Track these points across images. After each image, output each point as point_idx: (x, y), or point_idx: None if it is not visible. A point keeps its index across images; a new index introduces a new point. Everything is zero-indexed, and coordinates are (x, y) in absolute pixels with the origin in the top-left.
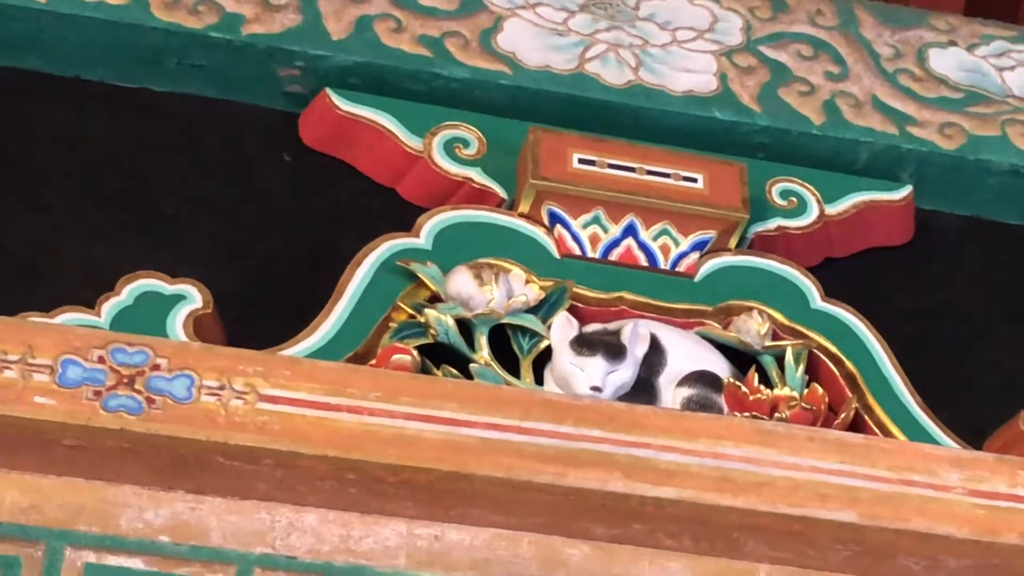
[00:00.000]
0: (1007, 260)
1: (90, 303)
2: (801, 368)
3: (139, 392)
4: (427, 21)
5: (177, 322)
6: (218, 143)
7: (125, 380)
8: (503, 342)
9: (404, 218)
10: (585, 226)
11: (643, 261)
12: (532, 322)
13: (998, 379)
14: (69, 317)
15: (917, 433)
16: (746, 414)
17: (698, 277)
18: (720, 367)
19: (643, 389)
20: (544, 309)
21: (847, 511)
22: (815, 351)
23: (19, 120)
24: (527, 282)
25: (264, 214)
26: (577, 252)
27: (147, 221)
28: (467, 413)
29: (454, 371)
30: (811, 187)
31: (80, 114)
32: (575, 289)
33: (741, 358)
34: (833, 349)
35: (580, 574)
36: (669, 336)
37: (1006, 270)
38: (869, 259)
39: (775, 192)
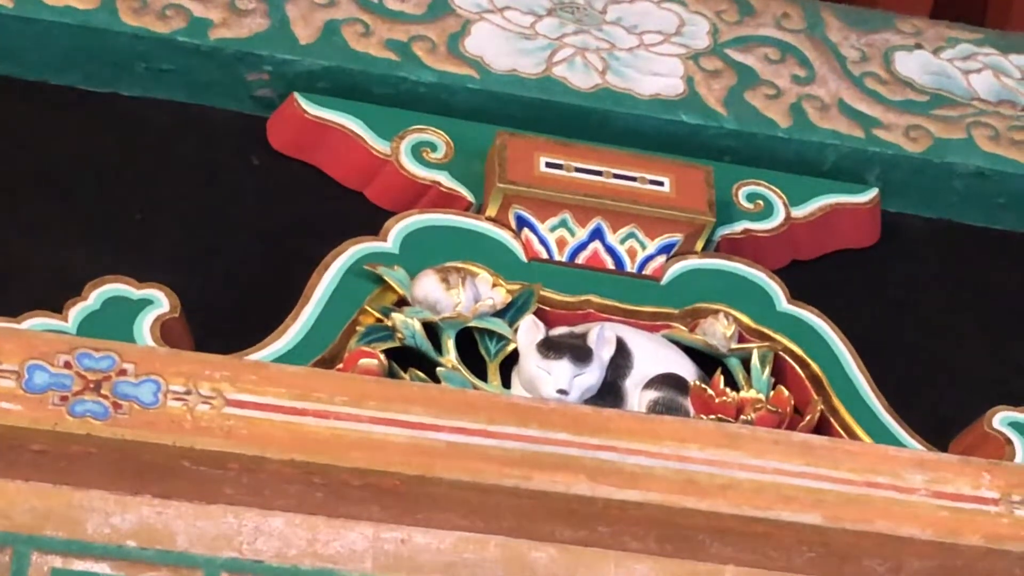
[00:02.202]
0: (973, 262)
1: (57, 308)
2: (767, 370)
3: (105, 397)
4: (395, 25)
5: (144, 327)
6: (186, 147)
7: (91, 385)
8: (470, 345)
9: (372, 222)
10: (552, 229)
11: (610, 264)
12: (499, 325)
13: (964, 381)
14: (36, 322)
15: (882, 435)
16: (712, 417)
17: (664, 280)
18: (686, 370)
19: (609, 392)
20: (511, 312)
21: (812, 513)
22: (781, 353)
23: None
24: (494, 286)
25: (232, 218)
26: (544, 255)
27: (115, 226)
28: (433, 417)
29: (421, 375)
30: (777, 190)
31: (48, 119)
32: (542, 292)
33: (707, 361)
34: (799, 351)
35: None
36: (635, 339)
37: (972, 272)
38: (835, 261)
39: (741, 195)
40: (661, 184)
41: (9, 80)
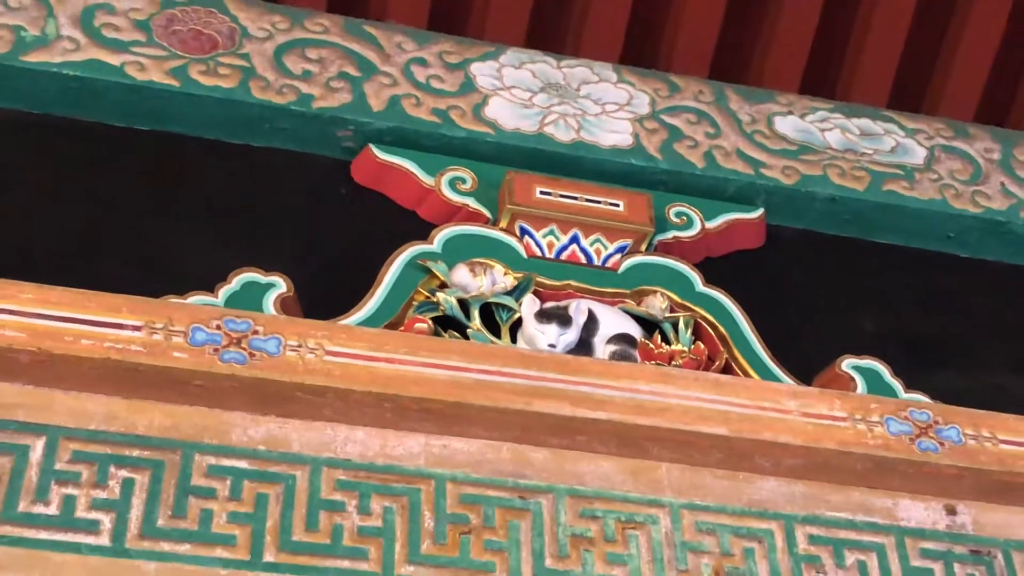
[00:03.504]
0: (829, 258)
1: (211, 289)
2: (689, 331)
3: (244, 349)
4: (437, 98)
5: (270, 302)
6: (297, 182)
7: (235, 341)
8: (489, 315)
9: (422, 232)
10: (544, 236)
11: (583, 260)
12: (509, 301)
13: (822, 338)
14: (197, 299)
15: (767, 375)
16: (653, 362)
17: (620, 270)
18: (635, 331)
19: (583, 346)
20: (517, 292)
21: (720, 427)
22: (699, 320)
23: (161, 166)
24: (505, 274)
25: (329, 229)
26: (539, 254)
27: (249, 234)
28: (466, 362)
29: (457, 334)
30: (696, 210)
31: (202, 163)
32: (537, 279)
33: (649, 325)
34: (711, 318)
35: (542, 471)
36: (601, 310)
37: (828, 265)
38: (735, 258)
39: (672, 213)
40: (617, 206)
41: (176, 136)
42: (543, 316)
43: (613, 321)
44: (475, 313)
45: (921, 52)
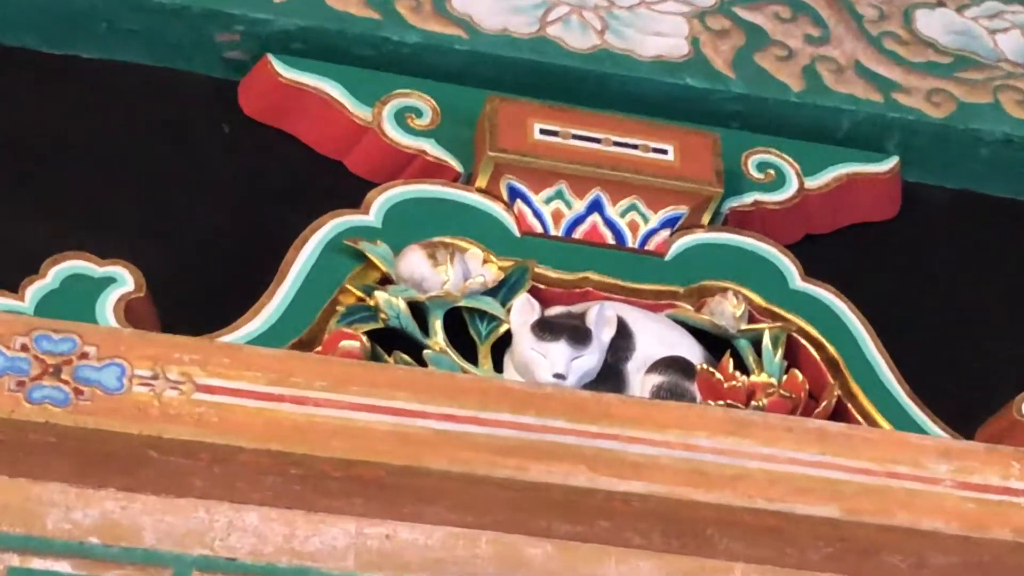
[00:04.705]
0: (1000, 236)
1: (13, 287)
2: (779, 353)
3: (66, 382)
4: None
5: (107, 307)
6: (152, 113)
7: (51, 369)
8: (459, 326)
9: (352, 194)
10: (547, 201)
11: (610, 239)
12: (490, 305)
13: (990, 364)
14: None
15: (903, 422)
16: (720, 402)
17: (669, 256)
18: (692, 352)
19: (610, 376)
20: (503, 291)
21: (828, 505)
22: (794, 334)
23: None
24: (485, 262)
25: (202, 190)
26: (539, 229)
27: (75, 198)
28: (420, 403)
29: (407, 358)
30: (790, 159)
31: (2, 83)
32: (537, 269)
33: (715, 342)
34: (814, 332)
35: (542, 574)
36: (637, 319)
37: (999, 247)
38: (852, 235)
39: (751, 164)
40: (664, 152)
41: None
42: (546, 329)
43: (657, 337)
44: (436, 324)
45: None
